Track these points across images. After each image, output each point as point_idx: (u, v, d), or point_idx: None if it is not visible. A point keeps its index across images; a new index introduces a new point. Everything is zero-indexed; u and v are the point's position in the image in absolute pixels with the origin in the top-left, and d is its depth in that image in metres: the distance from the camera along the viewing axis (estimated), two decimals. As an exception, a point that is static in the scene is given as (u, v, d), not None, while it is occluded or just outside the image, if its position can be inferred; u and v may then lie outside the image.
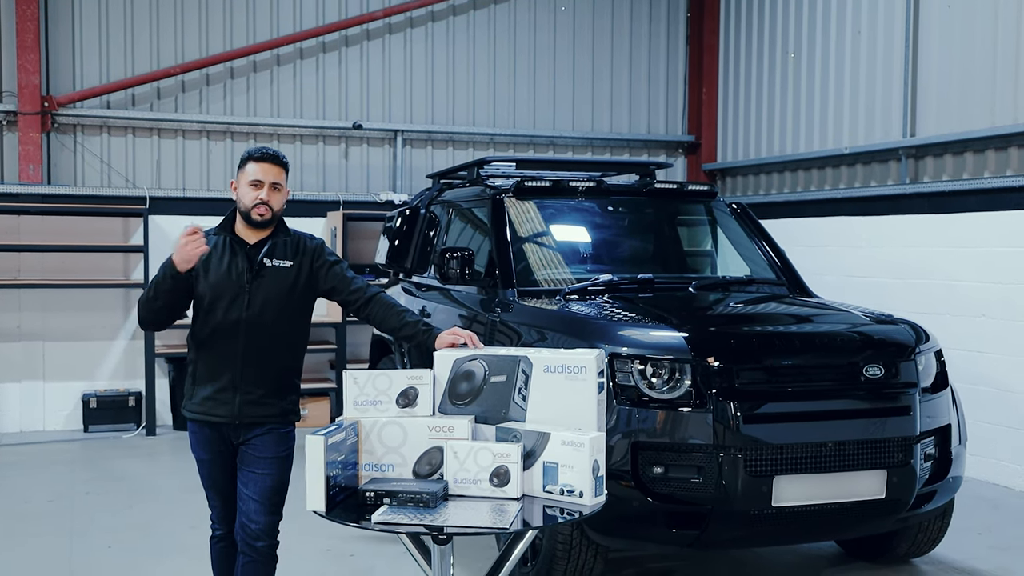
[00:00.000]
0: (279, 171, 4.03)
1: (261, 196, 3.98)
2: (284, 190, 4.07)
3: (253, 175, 4.00)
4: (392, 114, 10.77)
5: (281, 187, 4.04)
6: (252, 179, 3.99)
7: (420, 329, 4.01)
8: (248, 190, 4.00)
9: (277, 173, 4.02)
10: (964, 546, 5.98)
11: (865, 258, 8.95)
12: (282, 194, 4.06)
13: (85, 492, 7.33)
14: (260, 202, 3.98)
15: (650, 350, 4.81)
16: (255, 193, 3.98)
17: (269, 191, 3.99)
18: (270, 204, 3.99)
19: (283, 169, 4.06)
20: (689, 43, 11.75)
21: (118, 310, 9.79)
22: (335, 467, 3.43)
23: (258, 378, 3.98)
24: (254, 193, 3.98)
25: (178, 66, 10.00)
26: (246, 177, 4.01)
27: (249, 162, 4.03)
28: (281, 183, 4.04)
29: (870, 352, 4.97)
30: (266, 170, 4.00)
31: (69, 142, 9.82)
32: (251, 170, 4.01)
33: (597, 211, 6.56)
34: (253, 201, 3.98)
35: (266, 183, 3.99)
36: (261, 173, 3.99)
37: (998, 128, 7.81)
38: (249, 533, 3.97)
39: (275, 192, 4.01)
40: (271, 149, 4.07)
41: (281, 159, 4.06)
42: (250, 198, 3.99)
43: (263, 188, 3.98)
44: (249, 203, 3.99)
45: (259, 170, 4.00)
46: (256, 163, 4.01)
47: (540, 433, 3.52)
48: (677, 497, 4.67)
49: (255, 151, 4.05)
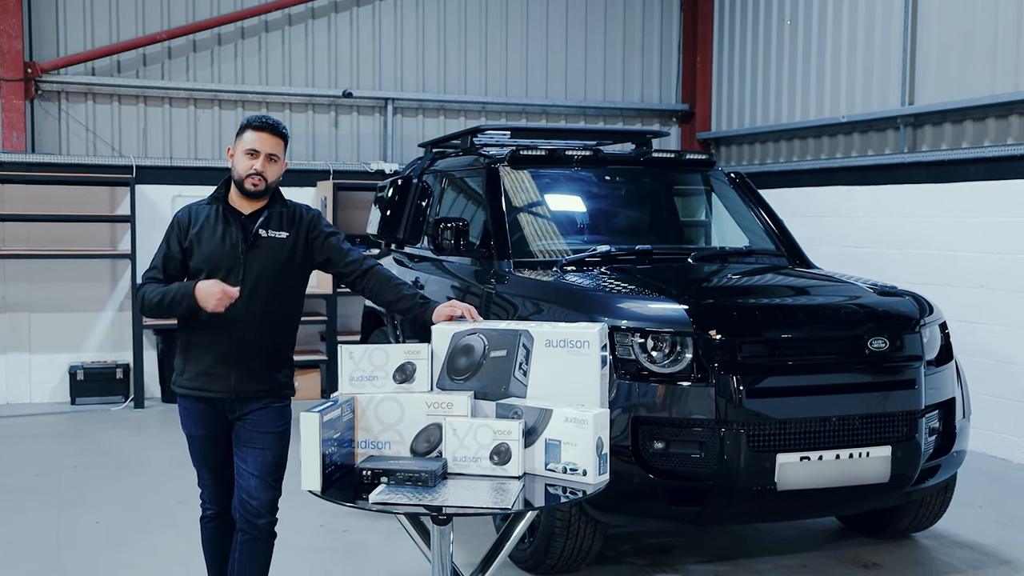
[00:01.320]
0: (277, 142, 3.89)
1: (256, 166, 3.84)
2: (281, 162, 3.93)
3: (250, 144, 3.86)
4: (383, 82, 10.60)
5: (278, 158, 3.91)
6: (248, 148, 3.86)
7: (417, 302, 3.90)
8: (243, 159, 3.86)
9: (275, 144, 3.89)
10: (965, 520, 5.93)
11: (862, 228, 8.85)
12: (279, 166, 3.92)
13: (72, 466, 7.22)
14: (254, 172, 3.84)
15: (651, 323, 4.71)
16: (250, 163, 3.84)
17: (265, 162, 3.86)
18: (264, 175, 3.86)
19: (282, 140, 3.92)
20: (683, 9, 11.57)
21: (105, 281, 9.66)
22: (330, 444, 3.33)
23: (254, 351, 3.87)
24: (249, 163, 3.85)
25: (164, 32, 9.80)
26: (243, 145, 3.87)
27: (247, 130, 3.88)
28: (278, 154, 3.90)
29: (874, 324, 4.87)
30: (263, 140, 3.86)
31: (53, 109, 9.63)
32: (248, 139, 3.87)
33: (594, 180, 6.43)
34: (247, 171, 3.84)
35: (262, 153, 3.85)
36: (258, 142, 3.86)
37: (999, 96, 7.69)
38: (250, 510, 3.86)
39: (271, 163, 3.88)
40: (271, 118, 3.93)
41: (281, 129, 3.92)
42: (244, 167, 3.85)
43: (259, 158, 3.85)
44: (243, 172, 3.85)
45: (256, 139, 3.86)
46: (255, 132, 3.87)
47: (542, 410, 3.42)
48: (678, 473, 4.58)
49: (254, 119, 3.91)
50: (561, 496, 3.32)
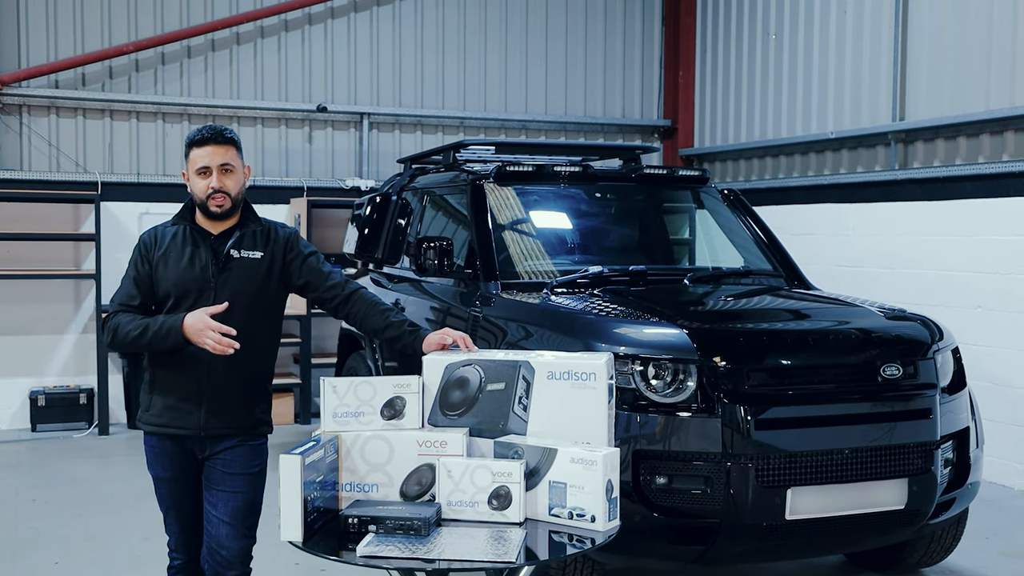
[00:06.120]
0: (226, 150, 3.52)
1: (212, 184, 3.48)
2: (240, 170, 3.56)
3: (199, 162, 3.50)
4: (358, 96, 10.28)
5: (233, 168, 3.53)
6: (198, 167, 3.50)
7: (406, 331, 3.58)
8: (198, 180, 3.51)
9: (225, 153, 3.52)
10: (973, 553, 5.66)
11: (853, 246, 8.61)
12: (237, 175, 3.55)
13: (31, 499, 6.83)
14: (213, 191, 3.49)
15: (651, 349, 4.42)
16: (205, 182, 3.49)
17: (220, 176, 3.50)
18: (225, 191, 3.50)
19: (231, 146, 3.54)
20: (665, 23, 11.34)
21: (68, 302, 9.27)
22: (312, 488, 3.02)
23: (227, 385, 3.52)
24: (204, 182, 3.50)
25: (131, 44, 9.43)
26: (192, 165, 3.52)
27: (191, 148, 3.53)
28: (232, 163, 3.53)
29: (887, 350, 4.60)
30: (211, 152, 3.50)
31: (14, 123, 9.25)
32: (195, 157, 3.51)
33: (583, 198, 6.15)
34: (206, 192, 3.49)
35: (214, 168, 3.49)
36: (207, 158, 3.50)
37: (994, 111, 7.48)
38: (220, 561, 3.51)
39: (228, 175, 3.51)
40: (213, 126, 3.56)
41: (227, 135, 3.54)
42: (201, 188, 3.50)
43: (212, 174, 3.49)
44: (203, 194, 3.50)
45: (204, 154, 3.50)
46: (199, 147, 3.51)
47: (545, 449, 3.12)
48: (682, 510, 4.28)
49: (194, 134, 3.54)
50: (567, 545, 3.03)
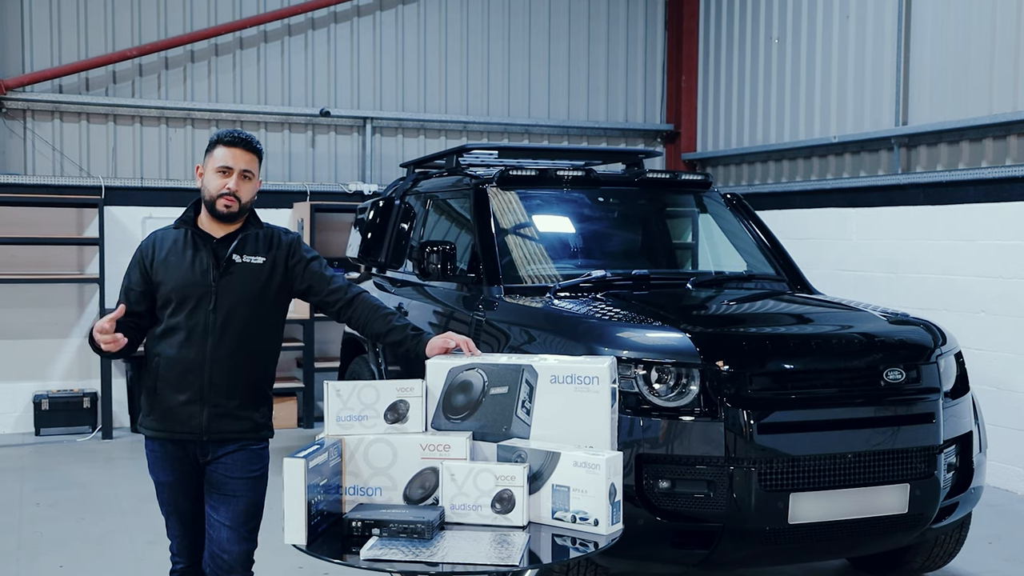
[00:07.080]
0: (251, 158, 3.58)
1: (229, 185, 3.52)
2: (255, 180, 3.62)
3: (222, 161, 3.54)
4: (361, 100, 10.30)
5: (252, 176, 3.60)
6: (220, 165, 3.54)
7: (409, 335, 3.59)
8: (215, 177, 3.54)
9: (249, 160, 3.57)
10: (976, 557, 5.65)
11: (856, 251, 8.61)
12: (252, 184, 3.61)
13: (35, 503, 6.83)
14: (227, 192, 3.52)
15: (654, 353, 4.42)
16: (222, 181, 3.53)
17: (238, 180, 3.54)
18: (238, 195, 3.54)
19: (256, 156, 3.61)
20: (668, 28, 11.35)
21: (72, 306, 9.27)
22: (316, 492, 3.02)
23: (228, 388, 3.53)
24: (221, 181, 3.53)
25: (135, 48, 9.45)
26: (214, 162, 3.56)
27: (218, 146, 3.56)
28: (253, 171, 3.59)
29: (890, 355, 4.60)
30: (237, 156, 3.55)
31: (18, 128, 9.27)
32: (220, 155, 3.55)
33: (586, 202, 6.16)
34: (219, 190, 3.53)
35: (236, 171, 3.54)
36: (231, 159, 3.54)
37: (997, 116, 7.48)
38: (221, 565, 3.51)
39: (245, 181, 3.57)
40: (244, 133, 3.62)
41: (255, 144, 3.61)
42: (216, 186, 3.53)
43: (232, 176, 3.53)
44: (215, 192, 3.53)
45: (229, 155, 3.54)
46: (226, 147, 3.55)
47: (548, 452, 3.13)
48: (685, 514, 4.29)
49: (225, 134, 3.59)
50: (571, 549, 3.03)
